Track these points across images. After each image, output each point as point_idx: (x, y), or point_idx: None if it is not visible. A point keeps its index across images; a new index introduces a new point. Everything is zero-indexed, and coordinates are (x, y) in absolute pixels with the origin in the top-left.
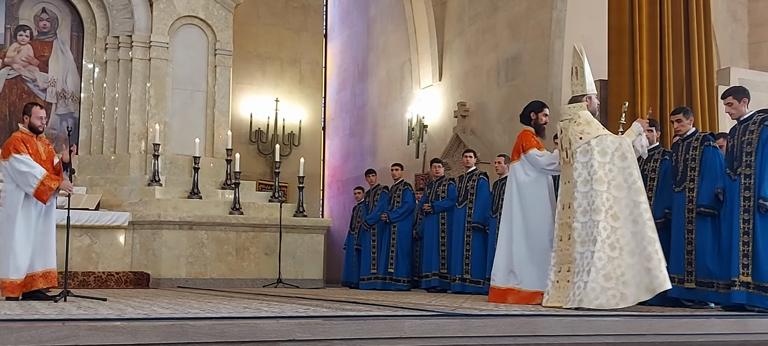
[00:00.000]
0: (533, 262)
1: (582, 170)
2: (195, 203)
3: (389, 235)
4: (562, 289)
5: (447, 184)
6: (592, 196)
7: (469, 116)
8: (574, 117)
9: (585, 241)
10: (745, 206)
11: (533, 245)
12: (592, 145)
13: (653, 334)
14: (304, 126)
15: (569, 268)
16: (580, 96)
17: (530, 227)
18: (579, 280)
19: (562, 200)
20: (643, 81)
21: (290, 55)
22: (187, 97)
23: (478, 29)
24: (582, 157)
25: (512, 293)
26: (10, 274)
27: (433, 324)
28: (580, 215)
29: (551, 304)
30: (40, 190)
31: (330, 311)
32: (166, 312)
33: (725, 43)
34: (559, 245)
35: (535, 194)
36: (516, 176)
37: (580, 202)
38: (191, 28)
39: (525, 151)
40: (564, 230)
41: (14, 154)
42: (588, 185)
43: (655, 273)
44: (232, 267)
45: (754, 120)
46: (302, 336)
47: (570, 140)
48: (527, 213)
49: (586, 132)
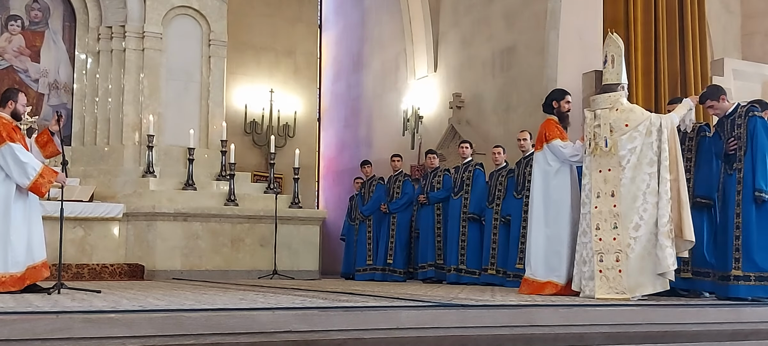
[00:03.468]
0: (561, 252)
1: (630, 156)
2: (190, 194)
3: (388, 226)
4: (613, 279)
5: (442, 175)
6: (640, 179)
7: (465, 107)
8: (615, 105)
9: (637, 226)
10: (738, 199)
11: (555, 235)
12: (640, 129)
13: (648, 323)
14: (299, 117)
15: (618, 257)
16: (614, 85)
17: (553, 217)
18: (642, 265)
19: (597, 189)
20: (637, 72)
21: (285, 45)
22: (181, 88)
23: (474, 20)
24: (629, 144)
25: (550, 286)
26: (10, 268)
27: (429, 315)
28: (630, 201)
29: (605, 296)
30: (39, 183)
31: (326, 302)
32: (161, 304)
33: (718, 34)
34: (597, 233)
35: (559, 184)
36: (539, 166)
37: (629, 188)
38: (185, 19)
39: (548, 141)
40: (606, 219)
41: (9, 142)
42: (637, 169)
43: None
44: (228, 259)
45: (739, 113)
46: (298, 327)
47: (611, 127)
48: (550, 203)
49: (632, 119)
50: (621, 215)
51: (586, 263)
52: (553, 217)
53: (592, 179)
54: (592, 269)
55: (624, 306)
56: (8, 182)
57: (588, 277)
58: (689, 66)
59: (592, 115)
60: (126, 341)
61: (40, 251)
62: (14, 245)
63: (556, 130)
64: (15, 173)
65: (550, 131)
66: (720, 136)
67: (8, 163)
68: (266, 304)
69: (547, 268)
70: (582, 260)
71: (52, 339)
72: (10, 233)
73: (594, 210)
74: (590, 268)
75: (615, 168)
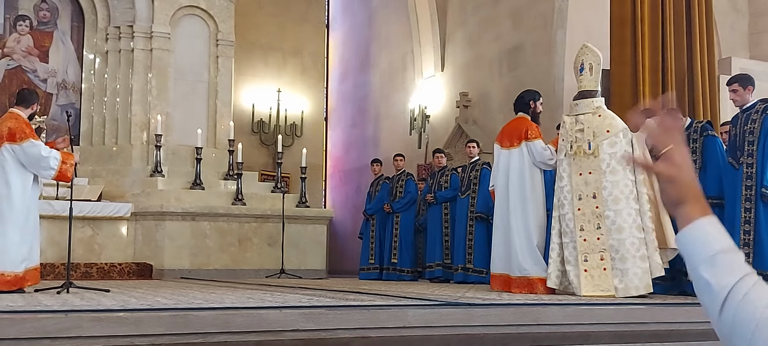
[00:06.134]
0: (540, 249)
1: (610, 160)
2: (197, 193)
3: (392, 225)
4: (598, 278)
5: (449, 174)
6: (623, 184)
7: (472, 106)
8: (598, 111)
9: (621, 228)
10: (747, 194)
11: (536, 232)
12: (621, 136)
13: (655, 322)
14: (306, 117)
15: (602, 256)
16: (593, 91)
17: (533, 214)
18: (624, 266)
19: (578, 191)
20: (644, 71)
21: (292, 45)
22: (189, 88)
23: (481, 19)
24: (609, 148)
25: (541, 282)
26: (14, 267)
27: (436, 313)
28: (611, 203)
29: (590, 293)
30: (63, 169)
31: (333, 301)
32: (169, 303)
33: (726, 33)
34: (581, 235)
35: (537, 181)
36: (514, 163)
37: (610, 191)
38: (193, 19)
39: (529, 140)
40: (589, 220)
41: (31, 139)
42: (617, 173)
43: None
44: (235, 258)
45: (757, 109)
46: (306, 326)
47: (594, 132)
48: (528, 200)
49: (613, 125)
50: (603, 216)
51: (569, 262)
52: (533, 214)
53: (572, 182)
54: (577, 268)
55: (631, 305)
56: (26, 174)
57: (574, 275)
58: (696, 65)
59: (573, 119)
60: (134, 340)
61: (37, 254)
62: (27, 244)
63: (538, 130)
64: (41, 165)
65: (533, 131)
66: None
67: (32, 158)
68: (274, 303)
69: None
70: (565, 259)
71: (61, 338)
72: (31, 230)
73: (577, 212)
74: (575, 267)
75: (596, 171)
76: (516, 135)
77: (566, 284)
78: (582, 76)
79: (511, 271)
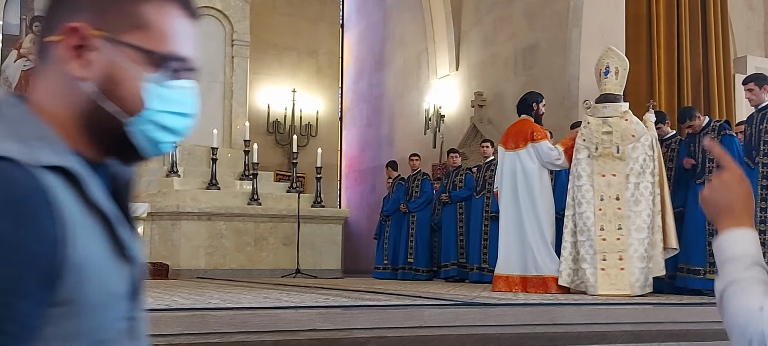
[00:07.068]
0: (547, 248)
1: (634, 165)
2: (213, 193)
3: (407, 225)
4: (615, 277)
5: (464, 174)
6: (644, 186)
7: (486, 106)
8: (625, 115)
9: (640, 228)
10: (763, 194)
11: (547, 231)
12: (643, 141)
13: (671, 322)
14: (321, 116)
15: (621, 256)
16: (617, 95)
17: (544, 213)
18: (644, 266)
19: (600, 192)
20: (660, 69)
21: (307, 45)
22: (204, 89)
23: (495, 18)
24: (633, 153)
25: (553, 280)
26: None
27: (452, 313)
28: (633, 204)
29: (607, 292)
30: None
31: (349, 301)
32: (186, 302)
33: (741, 31)
34: (601, 234)
35: (546, 182)
36: (522, 163)
37: (632, 192)
38: (208, 19)
39: (535, 141)
40: (610, 220)
41: None
42: (641, 176)
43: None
44: (251, 257)
45: None
46: (322, 326)
47: (622, 136)
48: (537, 201)
49: (638, 130)
50: (625, 218)
51: (585, 260)
52: (544, 213)
53: (594, 182)
54: (594, 267)
55: (647, 304)
56: None
57: (590, 274)
58: (712, 63)
59: (600, 121)
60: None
61: None
62: None
63: (543, 131)
64: None
65: (539, 132)
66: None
67: None
68: (290, 302)
69: (552, 262)
70: (580, 258)
71: None
72: None
73: (598, 212)
74: (591, 266)
75: (620, 173)
76: (521, 137)
77: (578, 282)
78: (607, 79)
79: (527, 270)
